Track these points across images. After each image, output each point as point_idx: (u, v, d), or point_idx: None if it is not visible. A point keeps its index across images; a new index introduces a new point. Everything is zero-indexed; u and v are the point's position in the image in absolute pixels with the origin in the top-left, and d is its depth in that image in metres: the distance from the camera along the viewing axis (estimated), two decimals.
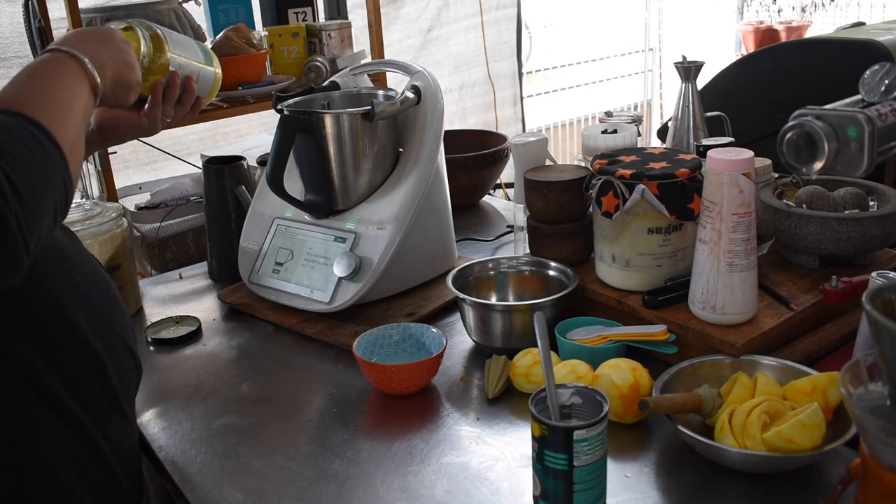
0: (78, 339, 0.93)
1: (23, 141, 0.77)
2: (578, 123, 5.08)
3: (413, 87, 1.44)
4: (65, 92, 0.88)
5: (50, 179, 0.79)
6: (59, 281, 0.93)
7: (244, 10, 2.28)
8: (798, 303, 1.19)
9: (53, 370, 0.90)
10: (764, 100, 2.20)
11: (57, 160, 0.80)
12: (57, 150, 0.80)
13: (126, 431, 1.02)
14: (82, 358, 0.93)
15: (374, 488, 0.99)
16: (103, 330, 0.97)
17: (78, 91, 0.90)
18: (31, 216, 0.74)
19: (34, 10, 1.98)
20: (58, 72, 0.89)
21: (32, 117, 0.80)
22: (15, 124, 0.78)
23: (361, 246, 1.38)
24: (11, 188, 0.72)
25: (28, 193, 0.74)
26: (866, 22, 2.88)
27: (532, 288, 1.36)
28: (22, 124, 0.78)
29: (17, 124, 0.78)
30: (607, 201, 1.22)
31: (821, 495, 0.92)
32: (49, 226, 0.79)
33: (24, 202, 0.73)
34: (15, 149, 0.75)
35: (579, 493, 0.88)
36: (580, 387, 0.92)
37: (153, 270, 1.93)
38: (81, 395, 0.92)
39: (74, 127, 0.86)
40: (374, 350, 1.23)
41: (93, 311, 0.96)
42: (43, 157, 0.78)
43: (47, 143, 0.80)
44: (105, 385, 0.97)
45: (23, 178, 0.74)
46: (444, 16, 3.70)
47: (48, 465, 0.89)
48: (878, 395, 0.79)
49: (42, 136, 0.79)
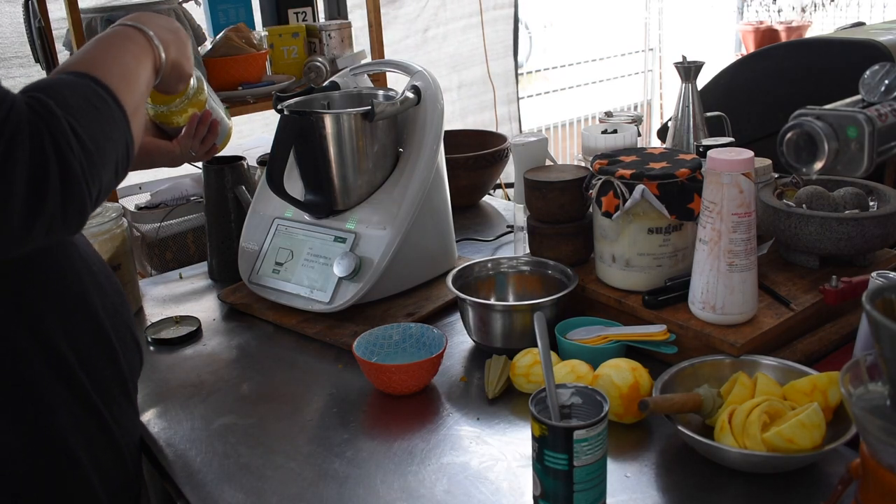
0: (95, 325, 0.96)
1: (87, 98, 0.81)
2: (578, 123, 5.08)
3: (413, 87, 1.44)
4: (131, 60, 0.92)
5: (112, 134, 0.82)
6: (80, 268, 0.97)
7: (244, 10, 2.28)
8: (798, 303, 1.19)
9: (74, 353, 0.92)
10: (764, 100, 2.20)
11: (119, 118, 0.84)
12: (120, 110, 0.84)
13: (132, 418, 1.05)
14: (98, 343, 0.97)
15: (374, 488, 0.99)
16: (115, 319, 1.00)
17: (143, 62, 0.94)
18: (94, 165, 0.78)
19: (34, 10, 1.98)
20: (126, 42, 0.94)
21: (98, 78, 0.84)
22: (81, 83, 0.82)
23: (361, 246, 1.38)
24: (76, 138, 0.76)
25: (91, 144, 0.78)
26: (866, 22, 2.88)
27: (532, 288, 1.36)
28: (87, 83, 0.82)
29: (83, 83, 0.82)
30: (607, 201, 1.22)
31: (821, 495, 0.92)
32: (110, 179, 0.82)
33: (87, 152, 0.77)
34: (79, 104, 0.79)
35: (579, 493, 0.88)
36: (580, 387, 0.92)
37: (153, 270, 1.93)
38: (96, 379, 0.95)
39: (138, 94, 0.90)
40: (374, 350, 1.23)
41: (105, 300, 1.00)
42: (106, 114, 0.82)
43: (111, 101, 0.83)
44: (116, 371, 1.00)
45: (87, 130, 0.77)
46: (441, 15, 3.70)
47: (64, 442, 0.91)
48: (878, 395, 0.79)
49: (106, 95, 0.83)
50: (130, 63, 0.91)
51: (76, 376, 0.93)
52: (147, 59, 0.95)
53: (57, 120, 0.75)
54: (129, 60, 0.91)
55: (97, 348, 0.96)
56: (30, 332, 0.88)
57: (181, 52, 1.04)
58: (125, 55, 0.92)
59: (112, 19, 1.92)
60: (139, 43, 0.95)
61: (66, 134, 0.75)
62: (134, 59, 0.92)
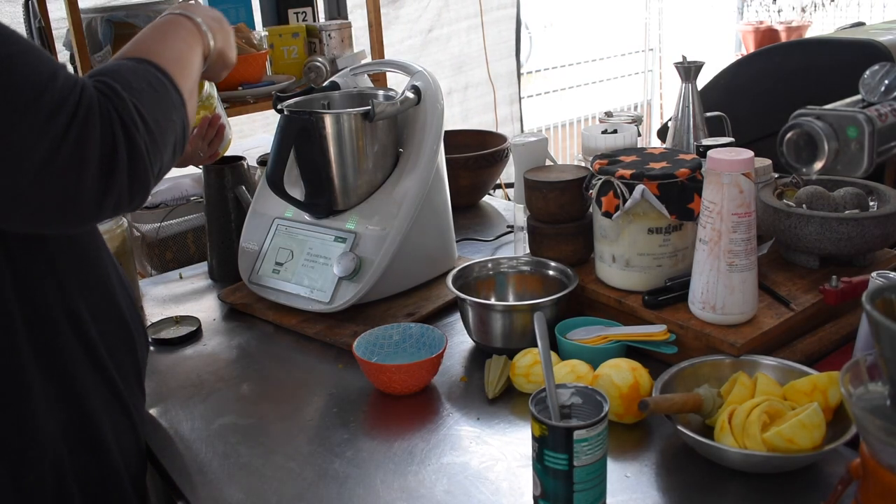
0: (118, 313, 1.01)
1: (149, 82, 0.85)
2: (578, 123, 5.08)
3: (413, 88, 1.43)
4: (184, 46, 0.96)
5: (171, 116, 0.87)
6: (107, 259, 1.02)
7: (244, 10, 2.28)
8: (798, 303, 1.19)
9: (102, 339, 0.97)
10: (764, 100, 2.20)
11: (177, 102, 0.89)
12: (177, 94, 0.89)
13: (143, 404, 1.10)
14: (120, 332, 1.01)
15: (374, 488, 0.99)
16: (131, 310, 1.05)
17: (194, 48, 0.99)
18: (155, 144, 0.82)
19: (34, 10, 1.98)
20: (178, 29, 0.98)
21: (157, 63, 0.88)
22: (141, 68, 0.86)
23: (361, 246, 1.38)
24: (141, 119, 0.80)
25: (154, 125, 0.82)
26: (866, 22, 2.88)
27: (532, 288, 1.36)
28: (147, 68, 0.87)
29: (143, 68, 0.87)
30: (607, 201, 1.22)
31: (821, 495, 0.92)
32: (168, 159, 0.87)
33: (150, 132, 0.81)
34: (141, 88, 0.83)
35: (579, 493, 0.88)
36: (580, 387, 0.92)
37: (153, 270, 1.93)
38: (119, 365, 1.00)
39: (191, 79, 0.95)
40: (374, 350, 1.23)
41: (124, 291, 1.04)
42: (166, 97, 0.87)
43: (169, 86, 0.88)
44: (134, 360, 1.04)
45: (149, 112, 0.82)
46: (444, 16, 3.70)
47: (94, 424, 0.95)
48: (878, 395, 0.79)
49: (165, 79, 0.88)
50: (183, 49, 0.96)
51: (105, 363, 0.97)
52: (197, 45, 0.99)
53: (124, 102, 0.79)
54: (182, 46, 0.96)
55: (120, 336, 1.01)
56: (67, 318, 0.92)
57: (226, 40, 1.07)
58: (178, 42, 0.96)
59: (112, 19, 1.92)
60: (189, 30, 0.99)
61: (132, 115, 0.79)
62: (186, 45, 0.97)
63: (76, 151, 0.74)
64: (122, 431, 1.00)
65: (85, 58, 1.85)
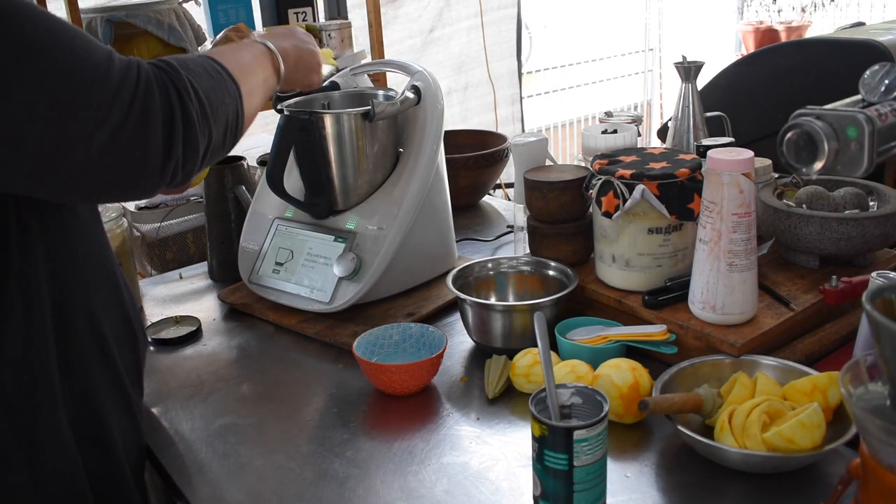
0: (123, 311, 1.03)
1: (205, 68, 0.91)
2: (578, 123, 5.08)
3: (413, 88, 1.43)
4: (249, 57, 1.05)
5: (224, 98, 0.92)
6: (112, 258, 1.04)
7: (244, 10, 2.28)
8: (798, 303, 1.19)
9: (112, 336, 0.99)
10: (764, 100, 2.20)
11: (233, 90, 0.94)
12: (234, 84, 0.95)
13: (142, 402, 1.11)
14: (126, 329, 1.03)
15: (374, 488, 0.99)
16: (133, 309, 1.06)
17: (261, 61, 1.07)
18: (206, 117, 0.87)
19: None
20: (246, 47, 1.08)
21: (218, 60, 0.95)
22: (202, 60, 0.93)
23: (361, 246, 1.38)
24: (194, 91, 0.86)
25: (206, 99, 0.87)
26: (866, 22, 2.88)
27: (532, 288, 1.36)
28: (207, 61, 0.94)
29: (204, 60, 0.93)
30: (607, 201, 1.22)
31: (821, 495, 0.92)
32: (219, 140, 0.91)
33: (202, 104, 0.86)
34: (198, 70, 0.89)
35: (579, 493, 0.88)
36: (580, 387, 0.92)
37: (153, 270, 1.93)
38: (124, 362, 1.02)
39: (252, 80, 1.01)
40: (374, 350, 1.23)
41: (127, 291, 1.06)
42: (221, 84, 0.92)
43: (227, 77, 0.94)
44: (136, 358, 1.06)
45: (203, 88, 0.87)
46: (445, 16, 3.69)
47: (102, 419, 0.97)
48: (878, 395, 0.79)
49: (222, 70, 0.94)
50: (247, 58, 1.04)
51: (114, 359, 0.99)
52: (265, 60, 1.08)
53: (179, 76, 0.85)
54: (246, 56, 1.04)
55: (125, 334, 1.03)
56: (83, 315, 0.95)
57: (302, 51, 1.16)
58: (244, 53, 1.05)
59: (112, 19, 1.92)
60: (258, 48, 1.08)
61: (186, 87, 0.85)
62: (252, 57, 1.06)
63: (143, 120, 0.79)
64: (126, 427, 1.01)
65: None
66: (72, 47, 0.77)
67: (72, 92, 0.76)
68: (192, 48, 2.03)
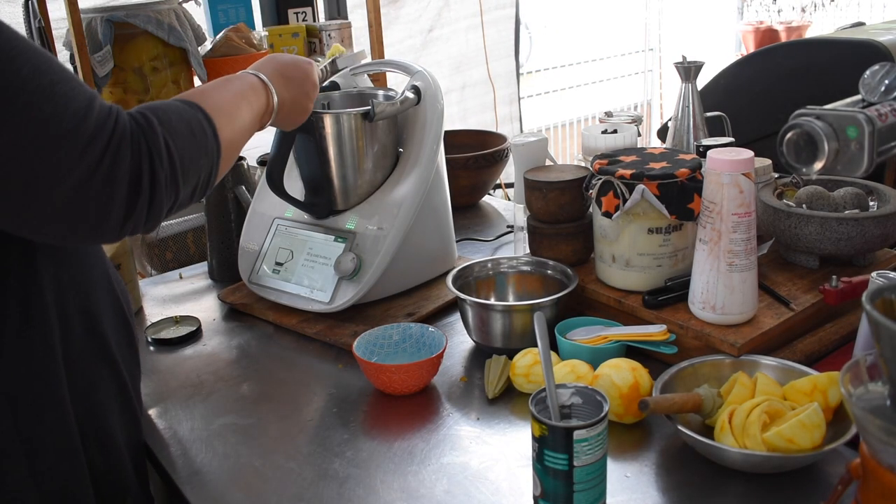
0: (119, 309, 1.04)
1: (188, 124, 0.90)
2: (578, 123, 5.08)
3: (413, 87, 1.43)
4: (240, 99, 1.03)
5: (200, 161, 0.91)
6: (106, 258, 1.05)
7: (244, 10, 2.28)
8: (798, 303, 1.19)
9: (111, 333, 1.00)
10: (764, 100, 2.20)
11: (212, 150, 0.93)
12: (215, 143, 0.93)
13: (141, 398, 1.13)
14: (123, 327, 1.04)
15: (374, 488, 0.99)
16: (128, 305, 1.07)
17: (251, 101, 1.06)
18: (175, 181, 0.86)
19: (34, 10, 1.98)
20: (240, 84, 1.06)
21: (205, 109, 0.93)
22: (188, 111, 0.91)
23: (361, 246, 1.38)
24: (168, 154, 0.85)
25: (179, 163, 0.86)
26: (866, 22, 2.88)
27: (532, 288, 1.36)
28: (194, 113, 0.92)
29: (190, 112, 0.92)
30: (607, 201, 1.22)
31: (821, 495, 0.92)
32: (186, 197, 0.90)
33: (174, 168, 0.86)
34: (180, 128, 0.88)
35: (579, 493, 0.88)
36: (580, 387, 0.92)
37: (153, 270, 1.93)
38: (123, 358, 1.03)
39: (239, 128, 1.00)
40: (374, 350, 1.23)
41: (121, 288, 1.07)
42: (202, 142, 0.91)
43: (210, 135, 0.93)
44: (133, 351, 1.07)
45: (179, 150, 0.86)
46: (445, 16, 3.69)
47: (104, 416, 0.98)
48: (878, 395, 0.79)
49: (207, 125, 0.93)
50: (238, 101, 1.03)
51: (114, 356, 1.00)
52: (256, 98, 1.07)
53: (155, 136, 0.84)
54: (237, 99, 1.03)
55: (122, 331, 1.04)
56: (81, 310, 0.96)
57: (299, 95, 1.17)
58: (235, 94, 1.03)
59: (112, 19, 1.92)
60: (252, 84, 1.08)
61: (160, 149, 0.84)
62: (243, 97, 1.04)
63: (109, 178, 0.79)
64: (126, 423, 1.02)
65: (85, 58, 1.85)
66: (52, 93, 0.77)
67: (45, 139, 0.76)
68: (192, 48, 2.03)
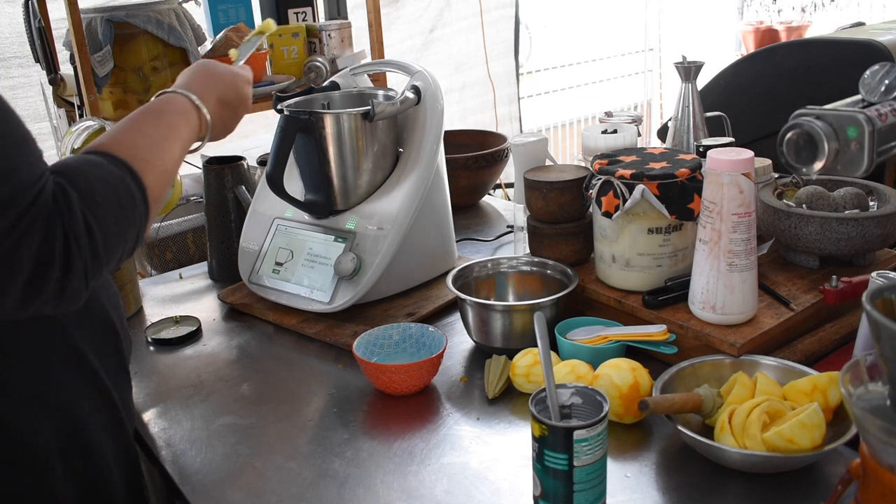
0: (103, 317, 1.01)
1: (116, 195, 0.82)
2: (578, 123, 5.07)
3: (413, 87, 1.43)
4: (173, 138, 0.95)
5: (127, 234, 0.84)
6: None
7: (244, 10, 2.28)
8: (798, 303, 1.19)
9: (90, 343, 0.97)
10: (764, 100, 2.20)
11: (141, 217, 0.86)
12: (144, 207, 0.86)
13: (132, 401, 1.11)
14: (106, 334, 1.01)
15: (374, 488, 0.99)
16: (116, 310, 1.05)
17: (185, 134, 0.98)
18: (97, 265, 0.80)
19: (34, 10, 1.98)
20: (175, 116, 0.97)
21: (134, 167, 0.85)
22: (115, 175, 0.83)
23: (361, 246, 1.38)
24: (89, 239, 0.78)
25: (102, 245, 0.79)
26: (866, 22, 2.88)
27: (532, 288, 1.36)
28: (122, 177, 0.83)
29: (118, 177, 0.83)
30: (607, 201, 1.22)
31: (821, 495, 0.92)
32: (108, 271, 0.84)
33: (96, 253, 0.79)
34: (105, 201, 0.80)
35: (579, 493, 0.88)
36: (580, 387, 0.92)
37: (153, 270, 1.93)
38: (107, 367, 1.00)
39: (169, 170, 0.92)
40: (374, 350, 1.23)
41: (108, 293, 1.04)
42: (130, 213, 0.83)
43: (139, 198, 0.85)
44: (120, 358, 1.05)
45: (102, 230, 0.79)
46: (446, 16, 3.69)
47: (85, 429, 0.96)
48: (878, 395, 0.79)
49: (136, 190, 0.84)
50: (170, 137, 0.94)
51: (93, 365, 0.97)
52: (186, 125, 0.99)
53: (75, 217, 0.77)
54: (168, 134, 0.94)
55: (106, 337, 1.01)
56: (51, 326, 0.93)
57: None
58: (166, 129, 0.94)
59: (112, 19, 1.92)
60: (182, 110, 0.99)
61: (79, 235, 0.77)
62: (173, 132, 0.95)
63: (8, 259, 0.73)
64: (112, 432, 1.01)
65: (85, 58, 1.85)
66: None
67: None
68: (192, 48, 2.03)
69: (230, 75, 1.09)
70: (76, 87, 1.93)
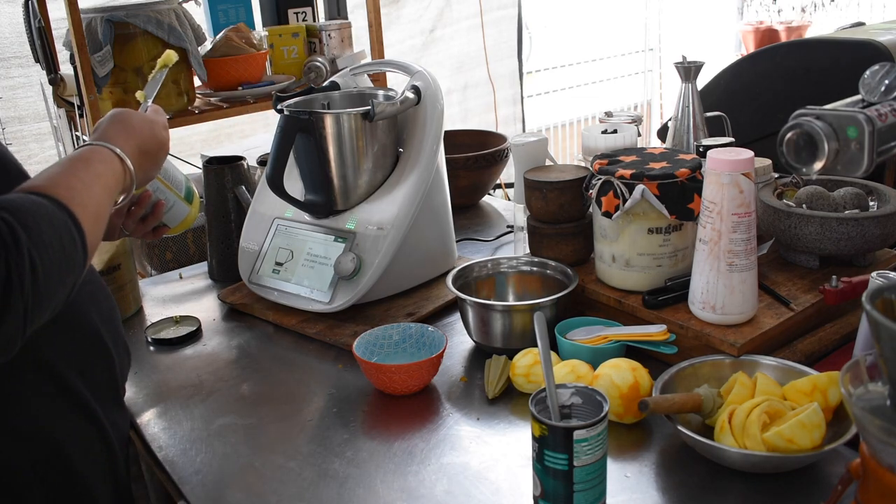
0: (90, 333, 0.99)
1: (59, 237, 0.79)
2: (578, 123, 5.07)
3: (413, 88, 1.43)
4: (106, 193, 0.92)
5: (66, 279, 0.81)
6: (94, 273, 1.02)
7: (244, 10, 2.28)
8: (798, 303, 1.19)
9: (71, 363, 0.94)
10: (764, 100, 2.20)
11: (80, 263, 0.82)
12: (83, 254, 0.83)
13: (123, 415, 1.09)
14: (94, 351, 0.99)
15: (374, 488, 0.99)
16: (109, 325, 1.03)
17: (114, 189, 0.94)
18: (38, 309, 0.76)
19: (34, 10, 1.98)
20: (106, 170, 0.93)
21: (75, 214, 0.82)
22: (59, 217, 0.80)
23: (361, 246, 1.38)
24: (33, 281, 0.75)
25: (44, 289, 0.76)
26: (866, 22, 2.88)
27: (532, 288, 1.36)
28: (65, 221, 0.81)
29: (61, 219, 0.80)
30: (607, 201, 1.22)
31: (821, 495, 0.92)
32: (47, 316, 0.80)
33: (37, 295, 0.75)
34: (51, 242, 0.77)
35: (579, 493, 0.88)
36: (580, 387, 0.92)
37: (153, 270, 1.93)
38: (93, 385, 0.98)
39: (102, 223, 0.89)
40: (374, 350, 1.23)
41: (100, 307, 1.02)
42: (71, 257, 0.81)
43: (79, 243, 0.82)
44: (111, 376, 1.03)
45: (46, 273, 0.76)
46: (446, 16, 3.69)
47: (65, 453, 0.94)
48: (878, 395, 0.79)
49: (77, 235, 0.82)
50: (103, 191, 0.91)
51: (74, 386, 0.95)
52: (116, 181, 0.95)
53: (21, 258, 0.74)
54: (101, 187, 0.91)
55: (93, 356, 0.99)
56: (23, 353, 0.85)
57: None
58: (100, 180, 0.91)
59: (112, 19, 1.92)
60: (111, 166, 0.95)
61: (23, 275, 0.74)
62: (105, 187, 0.92)
63: None
64: (99, 453, 0.99)
65: (85, 58, 1.85)
66: None
67: None
68: (193, 48, 2.03)
69: (147, 125, 1.06)
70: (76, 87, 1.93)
